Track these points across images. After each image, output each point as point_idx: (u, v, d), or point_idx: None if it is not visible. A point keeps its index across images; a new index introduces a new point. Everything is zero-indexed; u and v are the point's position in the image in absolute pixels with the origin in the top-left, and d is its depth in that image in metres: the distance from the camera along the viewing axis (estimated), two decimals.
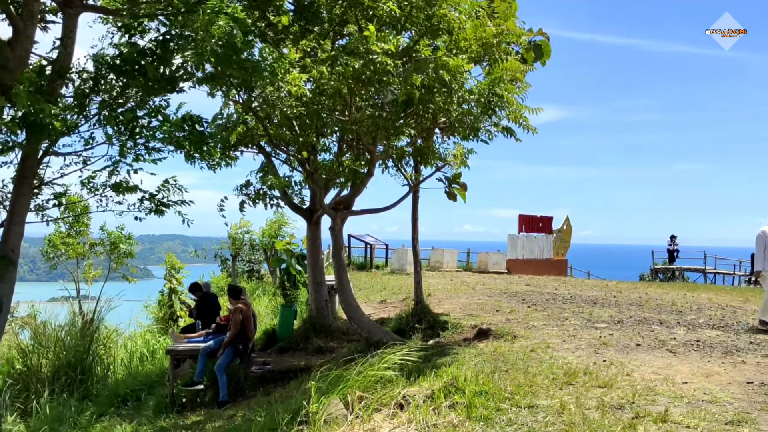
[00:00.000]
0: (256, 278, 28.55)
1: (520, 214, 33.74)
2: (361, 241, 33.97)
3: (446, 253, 31.65)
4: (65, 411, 12.41)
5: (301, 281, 19.28)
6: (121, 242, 19.92)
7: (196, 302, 14.44)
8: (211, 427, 9.51)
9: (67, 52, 8.70)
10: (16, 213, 8.77)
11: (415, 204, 13.51)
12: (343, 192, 14.61)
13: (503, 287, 20.26)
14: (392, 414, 6.71)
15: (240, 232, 28.28)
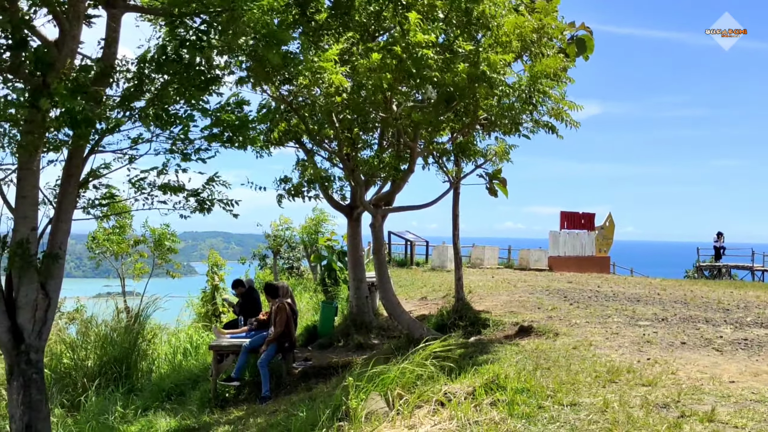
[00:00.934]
0: (296, 275, 28.72)
1: (562, 211, 33.41)
2: (402, 238, 33.96)
3: (487, 249, 31.48)
4: (111, 405, 12.62)
5: (342, 278, 19.37)
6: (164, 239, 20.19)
7: (238, 299, 14.59)
8: (253, 422, 9.60)
9: (110, 51, 8.80)
10: (63, 210, 8.92)
11: (455, 200, 13.46)
12: (383, 189, 14.63)
13: (545, 284, 20.09)
14: (433, 411, 6.71)
15: (280, 228, 28.47)
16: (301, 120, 12.40)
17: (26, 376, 8.41)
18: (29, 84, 8.11)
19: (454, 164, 13.30)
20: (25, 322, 8.40)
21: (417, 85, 10.43)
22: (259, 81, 10.07)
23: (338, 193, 15.16)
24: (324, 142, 13.47)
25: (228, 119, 8.94)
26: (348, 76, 10.67)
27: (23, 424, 8.41)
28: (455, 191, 13.35)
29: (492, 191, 13.38)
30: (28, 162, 8.45)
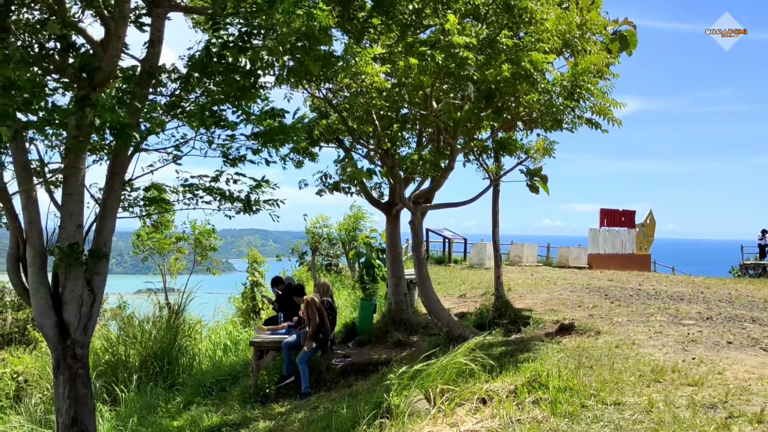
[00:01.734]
0: (334, 272, 28.81)
1: (602, 208, 33.04)
2: (440, 236, 33.89)
3: (526, 247, 31.29)
4: (153, 400, 12.80)
5: (380, 275, 19.39)
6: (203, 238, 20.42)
7: (278, 295, 14.69)
8: (294, 418, 9.67)
9: (155, 51, 8.90)
10: (107, 208, 9.06)
11: (495, 198, 13.38)
12: (422, 186, 14.60)
13: (585, 282, 19.90)
14: (475, 408, 6.68)
15: (318, 226, 28.58)
16: (340, 118, 12.44)
17: (72, 370, 8.56)
18: (76, 83, 8.26)
19: (494, 161, 13.22)
20: (71, 318, 8.55)
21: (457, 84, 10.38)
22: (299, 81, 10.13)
23: (377, 191, 15.17)
24: (363, 140, 13.48)
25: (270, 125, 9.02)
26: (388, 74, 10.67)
27: (69, 418, 8.56)
28: (495, 188, 13.28)
29: (533, 188, 13.27)
30: (74, 161, 8.59)
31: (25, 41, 7.75)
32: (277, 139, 9.13)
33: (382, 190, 15.33)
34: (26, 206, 8.66)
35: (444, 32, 9.60)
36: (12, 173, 8.97)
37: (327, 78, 9.23)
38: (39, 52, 7.92)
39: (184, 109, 8.77)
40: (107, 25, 8.29)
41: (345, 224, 27.12)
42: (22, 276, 8.84)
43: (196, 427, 10.72)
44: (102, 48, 8.24)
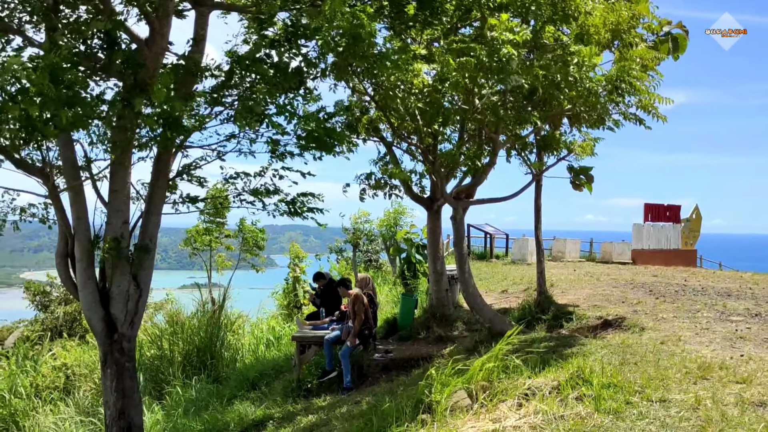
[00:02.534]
0: (374, 267, 28.87)
1: (646, 203, 32.53)
2: (481, 231, 33.74)
3: (568, 242, 30.99)
4: (197, 393, 12.98)
5: (421, 270, 19.38)
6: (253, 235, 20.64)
7: (318, 291, 14.78)
8: (337, 413, 9.71)
9: (199, 49, 9.02)
10: (153, 204, 9.22)
11: (538, 193, 13.28)
12: (464, 181, 14.54)
13: (629, 278, 19.63)
14: (518, 404, 6.65)
15: (359, 221, 28.65)
16: (382, 114, 12.45)
17: (119, 364, 8.73)
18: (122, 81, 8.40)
19: (537, 157, 13.12)
20: (117, 312, 8.72)
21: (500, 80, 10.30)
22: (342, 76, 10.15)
23: (418, 186, 15.15)
24: (405, 136, 13.48)
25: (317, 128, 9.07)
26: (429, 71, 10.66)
27: (117, 410, 8.73)
28: (538, 184, 13.17)
29: (576, 186, 13.14)
30: (120, 158, 8.74)
31: (71, 39, 7.89)
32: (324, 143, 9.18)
33: (424, 185, 15.31)
34: (74, 203, 8.85)
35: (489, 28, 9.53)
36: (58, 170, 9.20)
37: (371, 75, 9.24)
38: (85, 51, 8.06)
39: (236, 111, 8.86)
40: (152, 24, 8.42)
41: (386, 220, 27.15)
42: (71, 271, 9.04)
43: (241, 421, 10.84)
44: (146, 46, 8.37)
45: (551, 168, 13.17)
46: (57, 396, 13.81)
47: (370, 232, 28.82)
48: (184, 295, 21.63)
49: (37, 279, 27.44)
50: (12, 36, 8.04)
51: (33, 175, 9.03)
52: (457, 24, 11.76)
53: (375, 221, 28.27)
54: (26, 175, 9.03)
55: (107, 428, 8.91)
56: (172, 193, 10.00)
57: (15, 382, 13.97)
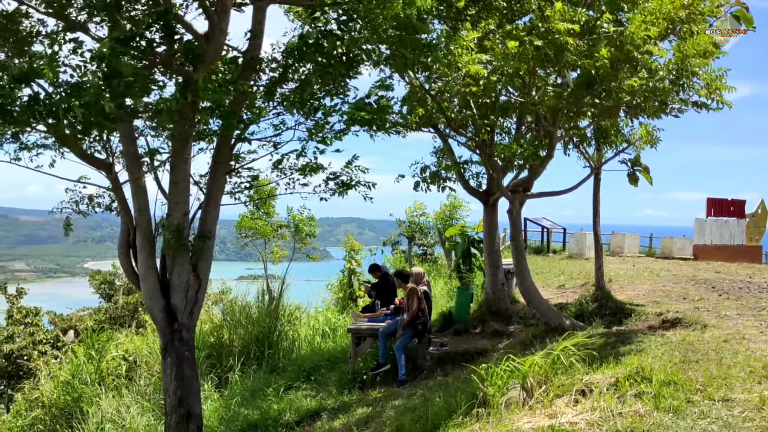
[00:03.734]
0: (430, 261, 28.83)
1: (709, 198, 31.75)
2: (538, 225, 33.41)
3: (627, 237, 30.43)
4: (255, 383, 13.15)
5: (477, 264, 19.26)
6: (303, 224, 20.78)
7: (373, 283, 14.83)
8: (391, 405, 9.75)
9: (256, 42, 9.10)
10: (212, 196, 9.36)
11: (596, 187, 13.09)
12: (521, 174, 14.41)
13: (690, 274, 19.20)
14: (574, 400, 6.57)
15: (414, 214, 28.63)
16: (438, 106, 12.40)
17: (179, 353, 8.90)
18: (180, 76, 8.54)
19: (595, 149, 12.92)
20: (178, 302, 8.88)
21: (557, 71, 10.18)
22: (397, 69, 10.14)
23: (474, 179, 15.06)
24: (461, 128, 13.41)
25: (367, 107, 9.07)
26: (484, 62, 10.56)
27: (176, 398, 8.91)
28: (596, 177, 12.99)
29: (633, 179, 12.91)
30: (180, 150, 8.90)
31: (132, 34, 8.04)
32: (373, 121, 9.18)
33: (480, 178, 15.21)
34: (136, 195, 9.04)
35: (544, 18, 9.41)
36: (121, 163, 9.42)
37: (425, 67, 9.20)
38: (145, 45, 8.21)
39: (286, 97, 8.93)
40: (211, 18, 8.53)
41: (441, 213, 27.07)
42: (133, 262, 9.25)
43: (296, 411, 10.96)
44: (205, 40, 8.49)
45: (610, 161, 12.97)
46: (120, 383, 14.15)
47: (425, 225, 28.78)
48: (242, 285, 21.92)
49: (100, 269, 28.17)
50: (74, 33, 8.23)
51: (96, 167, 9.27)
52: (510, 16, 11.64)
53: (430, 214, 28.22)
54: (91, 167, 9.28)
55: (167, 415, 9.10)
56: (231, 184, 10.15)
57: (80, 369, 14.38)
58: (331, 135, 9.42)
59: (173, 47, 8.30)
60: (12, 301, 19.55)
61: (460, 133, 13.62)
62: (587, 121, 12.46)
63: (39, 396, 14.10)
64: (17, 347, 17.76)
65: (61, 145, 8.95)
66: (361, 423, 9.42)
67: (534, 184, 13.74)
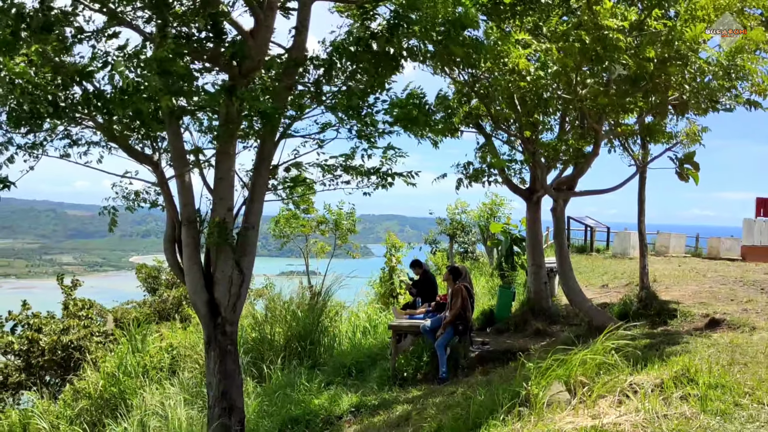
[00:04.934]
0: (471, 259, 28.70)
1: (758, 197, 30.96)
2: (581, 223, 33.04)
3: (673, 237, 29.93)
4: (296, 378, 13.23)
5: (519, 263, 19.14)
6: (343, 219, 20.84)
7: (414, 281, 14.82)
8: (431, 402, 9.72)
9: (301, 40, 9.15)
10: (255, 192, 9.45)
11: (642, 185, 12.89)
12: (565, 172, 14.28)
13: (738, 275, 18.79)
14: (618, 401, 6.48)
15: (456, 212, 28.52)
16: (482, 103, 12.33)
17: (222, 346, 9.00)
18: (227, 72, 8.64)
19: (641, 147, 12.73)
20: (221, 297, 8.98)
21: (604, 68, 10.03)
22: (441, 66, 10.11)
23: (517, 177, 14.96)
24: (504, 125, 13.32)
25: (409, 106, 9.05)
26: (531, 58, 10.48)
27: (219, 391, 9.01)
28: (642, 175, 12.79)
29: (682, 176, 12.68)
30: (225, 147, 8.99)
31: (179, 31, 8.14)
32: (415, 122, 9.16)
33: (523, 176, 15.11)
34: (181, 190, 9.16)
35: (593, 14, 9.28)
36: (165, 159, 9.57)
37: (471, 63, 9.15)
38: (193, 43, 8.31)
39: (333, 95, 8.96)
40: (257, 16, 8.60)
41: (483, 211, 26.93)
42: (178, 256, 9.38)
43: (337, 406, 11.01)
44: (251, 38, 8.55)
45: (656, 159, 12.77)
46: (163, 376, 14.35)
47: (467, 223, 28.66)
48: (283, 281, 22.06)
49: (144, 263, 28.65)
50: (122, 29, 8.36)
51: (143, 164, 9.43)
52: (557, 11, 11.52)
53: (472, 212, 28.09)
54: (138, 162, 9.44)
55: (210, 409, 9.21)
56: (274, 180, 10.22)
57: (124, 361, 14.63)
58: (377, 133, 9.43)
59: (220, 45, 8.39)
60: (67, 292, 19.96)
61: (504, 130, 13.53)
62: (634, 118, 12.28)
63: (85, 387, 14.37)
64: (74, 338, 18.15)
65: (110, 141, 9.12)
66: (401, 420, 9.42)
67: (578, 182, 13.60)
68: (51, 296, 20.38)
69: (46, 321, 18.78)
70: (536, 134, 13.07)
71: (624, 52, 9.47)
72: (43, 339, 17.89)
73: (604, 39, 9.17)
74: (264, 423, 10.90)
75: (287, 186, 10.56)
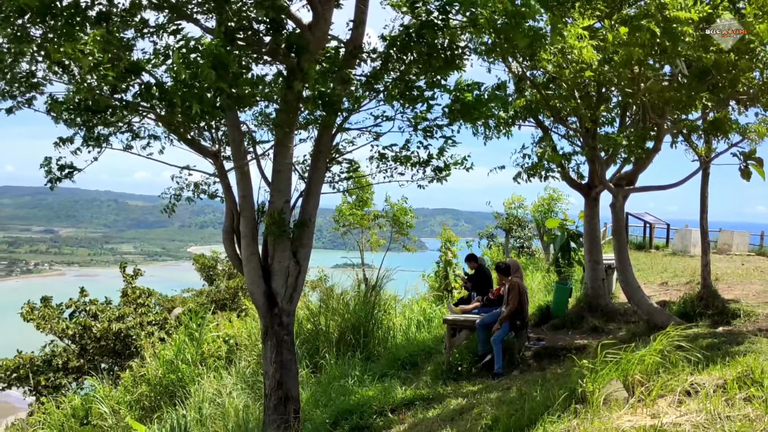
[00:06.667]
0: (526, 254, 28.45)
1: None
2: (640, 220, 32.44)
3: (736, 235, 29.17)
4: (350, 369, 13.30)
5: (576, 259, 18.92)
6: (401, 214, 20.86)
7: (469, 275, 14.76)
8: (486, 398, 9.68)
9: (358, 32, 9.17)
10: (312, 184, 9.53)
11: (705, 181, 12.60)
12: (624, 168, 14.03)
13: None
14: (678, 401, 6.35)
15: (513, 207, 28.30)
16: (540, 96, 12.19)
17: (279, 337, 9.11)
18: (285, 66, 8.70)
19: (705, 142, 12.43)
20: (278, 287, 9.08)
21: (669, 61, 9.81)
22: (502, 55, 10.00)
23: (575, 172, 14.75)
24: (563, 119, 13.14)
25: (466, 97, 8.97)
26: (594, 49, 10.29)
27: (275, 381, 9.13)
28: (705, 171, 12.49)
29: (745, 173, 12.35)
30: (283, 139, 9.08)
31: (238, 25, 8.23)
32: (472, 113, 9.09)
33: (582, 171, 14.90)
34: (240, 182, 9.29)
35: (661, 6, 9.07)
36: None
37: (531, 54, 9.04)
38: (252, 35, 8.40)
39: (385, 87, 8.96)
40: (315, 8, 8.65)
41: (540, 206, 26.66)
42: (236, 246, 9.52)
43: (390, 399, 11.03)
44: (310, 31, 8.61)
45: (720, 155, 12.45)
46: (220, 365, 14.60)
47: (524, 217, 28.42)
48: (338, 273, 22.17)
49: (202, 253, 29.18)
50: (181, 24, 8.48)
51: (203, 155, 9.59)
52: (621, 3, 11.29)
53: (529, 207, 27.84)
54: (197, 154, 9.60)
55: (266, 398, 9.34)
56: (330, 173, 10.29)
57: (182, 349, 14.91)
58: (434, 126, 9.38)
59: (279, 38, 8.46)
60: (129, 280, 20.48)
61: (563, 123, 13.36)
62: (698, 112, 12.00)
63: (145, 373, 14.71)
64: (126, 326, 18.61)
65: (171, 133, 9.30)
66: (455, 414, 9.39)
67: (638, 178, 13.36)
68: (112, 284, 20.96)
69: (102, 308, 19.33)
70: (596, 128, 12.86)
71: (692, 46, 9.24)
72: (96, 326, 18.42)
73: (672, 31, 8.95)
74: (318, 413, 10.98)
75: (344, 179, 10.62)
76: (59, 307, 19.33)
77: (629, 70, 10.30)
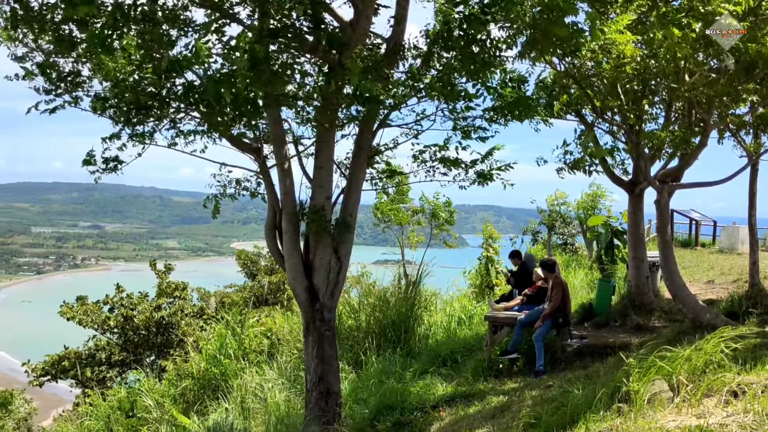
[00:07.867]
0: (570, 251, 28.17)
1: None
2: (686, 217, 31.91)
3: None
4: (391, 365, 13.32)
5: (620, 256, 18.69)
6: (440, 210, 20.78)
7: (513, 272, 14.68)
8: (527, 395, 9.62)
9: (399, 29, 9.17)
10: (353, 181, 9.57)
11: (753, 177, 12.34)
12: (669, 164, 13.81)
13: None
14: (725, 401, 6.24)
15: (555, 203, 28.03)
16: (583, 92, 12.05)
17: (320, 332, 9.17)
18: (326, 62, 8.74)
19: (753, 138, 12.18)
20: (319, 283, 9.15)
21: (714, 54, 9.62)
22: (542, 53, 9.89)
23: (619, 168, 14.55)
24: (606, 115, 12.97)
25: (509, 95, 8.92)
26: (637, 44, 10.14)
27: (317, 376, 9.20)
28: (753, 167, 12.24)
29: None
30: (324, 136, 9.13)
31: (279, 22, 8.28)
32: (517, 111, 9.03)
33: (626, 167, 14.69)
34: (282, 178, 9.37)
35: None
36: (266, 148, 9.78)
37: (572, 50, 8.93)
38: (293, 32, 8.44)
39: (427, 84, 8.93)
40: (356, 6, 8.66)
41: (583, 203, 26.36)
42: (278, 242, 9.60)
43: (431, 395, 11.03)
44: (351, 28, 8.63)
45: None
46: (262, 359, 14.72)
47: (567, 214, 28.13)
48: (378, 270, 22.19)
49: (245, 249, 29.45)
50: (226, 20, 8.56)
51: (245, 152, 9.68)
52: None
53: (572, 203, 27.54)
54: (239, 151, 9.70)
55: (308, 393, 9.41)
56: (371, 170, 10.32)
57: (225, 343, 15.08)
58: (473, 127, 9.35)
59: (320, 35, 8.50)
60: (161, 276, 20.80)
61: (606, 119, 13.19)
62: (746, 107, 11.75)
63: (188, 367, 14.91)
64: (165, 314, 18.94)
65: (213, 130, 9.41)
66: (497, 411, 9.35)
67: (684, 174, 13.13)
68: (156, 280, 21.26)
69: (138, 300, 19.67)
70: (640, 124, 12.67)
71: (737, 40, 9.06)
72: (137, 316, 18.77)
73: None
74: (359, 408, 11.02)
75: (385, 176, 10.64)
76: (96, 304, 19.71)
77: (673, 65, 10.13)
